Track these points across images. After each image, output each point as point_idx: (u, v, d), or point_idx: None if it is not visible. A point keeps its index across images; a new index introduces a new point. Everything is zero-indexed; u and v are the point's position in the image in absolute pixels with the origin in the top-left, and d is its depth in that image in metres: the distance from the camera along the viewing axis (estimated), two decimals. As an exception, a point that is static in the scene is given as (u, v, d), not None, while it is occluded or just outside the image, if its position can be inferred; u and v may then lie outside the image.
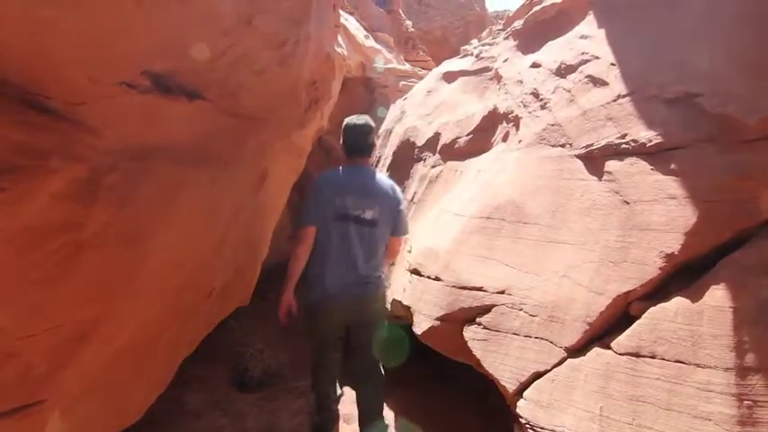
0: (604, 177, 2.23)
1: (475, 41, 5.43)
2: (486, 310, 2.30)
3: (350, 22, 6.74)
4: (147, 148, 1.49)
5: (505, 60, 4.10)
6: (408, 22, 11.76)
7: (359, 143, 2.74)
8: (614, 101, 2.44)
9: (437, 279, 2.62)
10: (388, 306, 2.96)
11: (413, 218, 3.91)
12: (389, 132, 5.11)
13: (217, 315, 2.87)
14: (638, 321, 1.81)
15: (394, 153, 4.66)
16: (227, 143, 2.05)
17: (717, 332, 1.62)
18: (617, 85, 2.49)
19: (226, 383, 4.31)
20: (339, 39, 5.79)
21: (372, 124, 2.87)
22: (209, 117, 1.87)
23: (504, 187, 2.72)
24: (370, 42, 7.03)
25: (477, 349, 2.23)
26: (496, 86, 4.06)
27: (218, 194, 1.94)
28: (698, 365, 1.61)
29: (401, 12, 11.45)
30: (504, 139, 3.39)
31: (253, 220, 2.67)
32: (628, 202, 2.06)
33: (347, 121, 2.82)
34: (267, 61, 1.84)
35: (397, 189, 2.72)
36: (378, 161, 5.08)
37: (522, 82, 3.50)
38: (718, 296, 1.66)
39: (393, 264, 3.15)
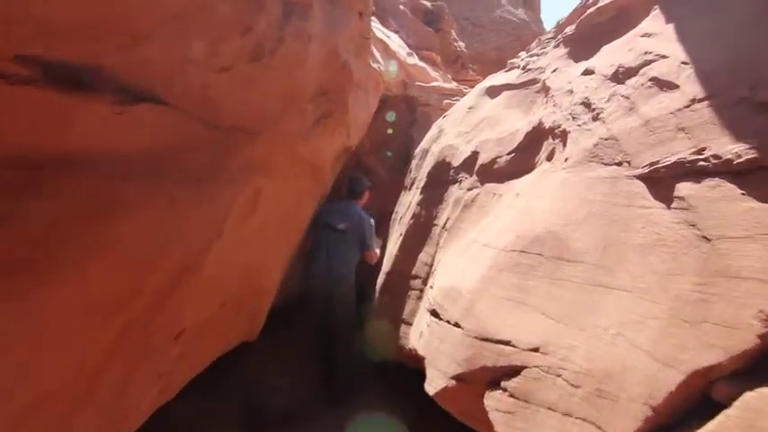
0: (674, 204, 1.70)
1: (523, 53, 4.95)
2: (514, 371, 1.80)
3: (392, 39, 6.46)
4: (57, 158, 1.17)
5: (554, 70, 3.60)
6: (461, 44, 11.41)
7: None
8: (687, 107, 1.91)
9: (457, 325, 2.14)
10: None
11: (443, 247, 3.45)
12: (426, 153, 4.69)
13: (207, 354, 2.53)
14: (725, 412, 1.26)
15: (428, 174, 4.23)
16: (202, 157, 1.72)
17: None
18: (690, 88, 1.96)
19: (236, 422, 3.96)
20: (377, 54, 5.50)
21: (360, 179, 4.80)
22: (174, 126, 1.55)
23: (544, 215, 2.22)
24: (413, 60, 6.70)
25: (499, 423, 1.73)
26: (543, 99, 3.56)
27: (180, 217, 1.60)
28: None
29: (453, 32, 11.12)
30: (549, 157, 2.89)
31: (245, 247, 2.33)
32: (708, 239, 1.52)
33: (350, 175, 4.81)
34: (231, 54, 1.50)
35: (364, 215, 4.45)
36: (412, 183, 4.67)
37: (571, 92, 3.00)
38: None
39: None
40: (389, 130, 6.27)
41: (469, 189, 3.64)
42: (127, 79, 1.29)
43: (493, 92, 4.48)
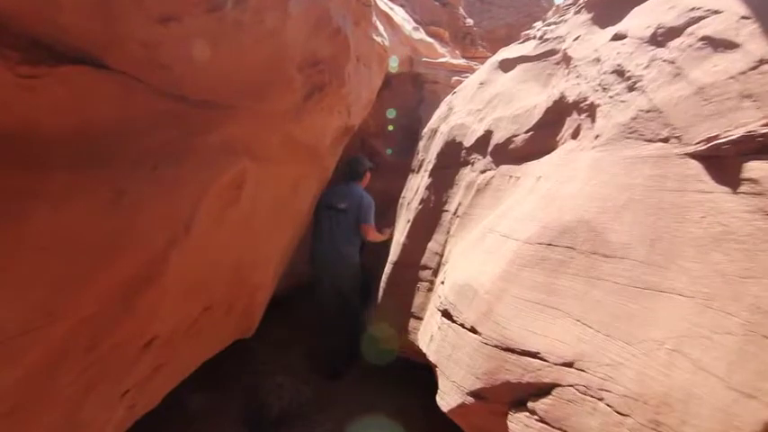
0: (743, 188, 1.38)
1: (539, 23, 4.56)
2: (543, 390, 1.51)
3: (396, 11, 6.07)
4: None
5: (576, 38, 3.24)
6: (470, 21, 10.94)
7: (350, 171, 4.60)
8: (753, 69, 1.57)
9: (473, 331, 1.85)
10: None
11: (454, 235, 3.15)
12: (434, 132, 4.36)
13: (192, 359, 2.27)
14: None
15: (437, 156, 3.91)
16: (161, 138, 1.42)
17: None
18: (755, 46, 1.62)
19: (235, 420, 3.74)
20: (380, 28, 5.13)
21: (360, 159, 4.73)
22: (120, 97, 1.25)
23: (573, 201, 1.90)
24: (419, 35, 6.31)
25: (528, 454, 1.44)
26: (564, 71, 3.21)
27: (129, 212, 1.31)
28: None
29: (461, 8, 10.65)
30: (575, 135, 2.56)
31: (229, 241, 2.05)
32: (793, 232, 1.21)
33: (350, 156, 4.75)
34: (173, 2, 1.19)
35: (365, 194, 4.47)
36: (420, 166, 4.35)
37: (599, 60, 2.66)
38: None
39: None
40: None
41: (483, 171, 3.32)
42: (37, 30, 0.99)
43: (506, 65, 4.13)
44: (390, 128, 5.93)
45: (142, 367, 1.70)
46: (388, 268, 3.92)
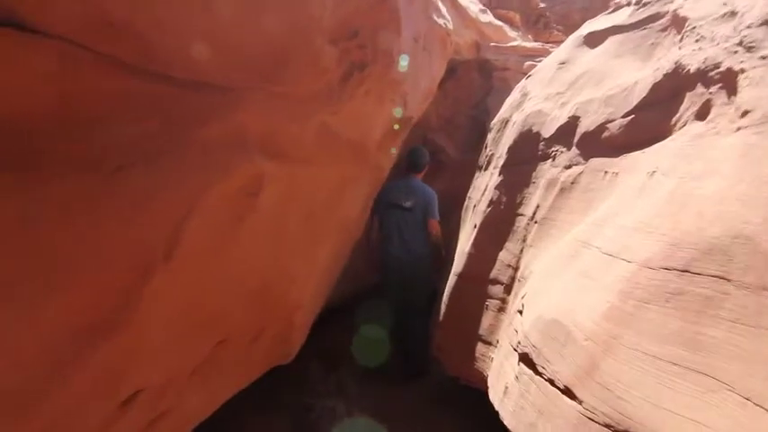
0: None
1: (632, -12, 3.82)
2: None
3: (461, -8, 5.50)
4: None
5: (691, -5, 2.56)
6: (542, 5, 10.13)
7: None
8: None
9: (569, 394, 1.30)
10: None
11: (532, 245, 2.58)
12: (505, 123, 3.77)
13: (210, 401, 1.89)
14: None
15: (509, 149, 3.33)
16: (137, 130, 1.01)
17: None
18: None
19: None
20: (443, 10, 4.60)
21: (422, 150, 4.38)
22: (67, 74, 0.85)
23: (718, 206, 1.30)
24: (487, 17, 5.70)
25: None
26: (675, 37, 2.54)
27: (70, 234, 0.92)
28: None
29: (533, -10, 9.87)
30: (702, 114, 1.92)
31: (249, 259, 1.63)
32: None
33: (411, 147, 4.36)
34: None
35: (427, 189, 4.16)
36: (488, 162, 3.78)
37: (734, 13, 1.99)
38: None
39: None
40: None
41: (567, 167, 2.72)
42: None
43: (593, 39, 3.46)
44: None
45: (127, 425, 1.33)
46: (451, 281, 3.40)
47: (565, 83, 3.29)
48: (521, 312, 1.76)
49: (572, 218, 2.42)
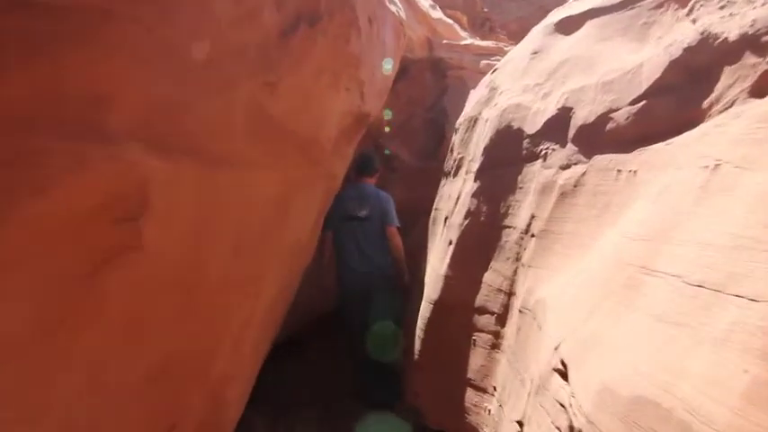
0: None
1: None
2: None
3: (409, -14, 5.05)
4: None
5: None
6: (486, 9, 10.02)
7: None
8: None
9: None
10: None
11: (533, 266, 2.08)
12: (474, 122, 3.29)
13: None
14: None
15: (485, 151, 2.85)
16: None
17: None
18: None
19: None
20: (396, 1, 4.10)
21: (372, 153, 4.13)
22: None
23: None
24: (438, 14, 5.30)
25: None
26: (677, 12, 2.16)
27: None
28: None
29: (477, -5, 9.75)
30: (760, 90, 1.48)
31: (123, 334, 0.98)
32: None
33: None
34: None
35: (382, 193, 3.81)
36: (457, 167, 3.29)
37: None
38: None
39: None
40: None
41: (564, 167, 2.26)
42: None
43: (568, 25, 3.06)
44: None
45: None
46: (424, 309, 2.84)
47: (543, 73, 2.86)
48: (563, 375, 1.23)
49: (584, 229, 1.94)
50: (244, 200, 1.35)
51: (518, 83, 3.02)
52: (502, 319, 2.25)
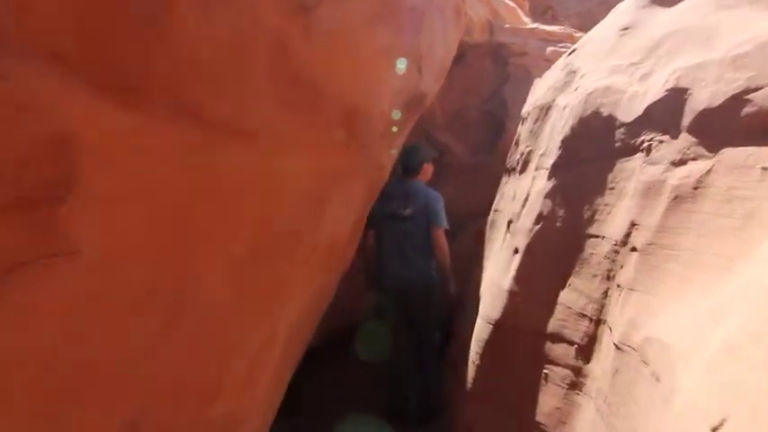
0: None
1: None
2: None
3: (470, -35, 4.58)
4: None
5: None
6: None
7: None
8: None
9: None
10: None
11: (634, 288, 1.60)
12: (546, 110, 2.81)
13: None
14: None
15: (563, 143, 2.37)
16: None
17: None
18: None
19: None
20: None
21: (416, 148, 3.58)
22: None
23: None
24: (500, -4, 4.79)
25: None
26: None
27: None
28: None
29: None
30: None
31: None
32: None
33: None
34: None
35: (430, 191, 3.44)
36: (525, 162, 2.82)
37: None
38: None
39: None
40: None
41: (678, 163, 1.76)
42: None
43: (668, -3, 2.54)
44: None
45: None
46: (481, 329, 2.40)
47: (638, 50, 2.35)
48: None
49: (715, 245, 1.45)
50: (264, 187, 0.96)
51: (604, 63, 2.52)
52: (585, 352, 1.78)
